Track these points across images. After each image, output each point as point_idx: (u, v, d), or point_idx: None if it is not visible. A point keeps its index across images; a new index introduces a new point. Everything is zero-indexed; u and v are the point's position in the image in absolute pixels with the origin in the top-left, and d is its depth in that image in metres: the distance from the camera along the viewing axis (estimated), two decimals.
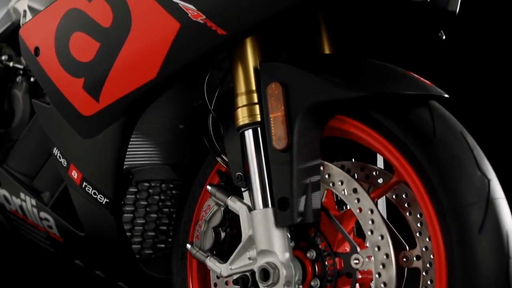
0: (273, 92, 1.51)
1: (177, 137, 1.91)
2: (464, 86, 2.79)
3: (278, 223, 1.52)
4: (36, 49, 1.78)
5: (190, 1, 1.50)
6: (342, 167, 1.65)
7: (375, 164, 1.67)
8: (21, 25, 1.99)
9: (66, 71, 1.71)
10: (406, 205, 1.61)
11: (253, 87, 1.56)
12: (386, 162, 1.59)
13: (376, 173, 1.64)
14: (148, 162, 1.88)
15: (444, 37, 1.66)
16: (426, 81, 1.50)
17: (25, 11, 1.97)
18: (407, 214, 1.61)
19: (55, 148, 1.80)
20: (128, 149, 1.71)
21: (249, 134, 1.56)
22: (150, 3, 1.55)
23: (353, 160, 1.69)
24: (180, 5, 1.51)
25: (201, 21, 1.49)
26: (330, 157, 1.70)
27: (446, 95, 1.50)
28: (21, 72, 2.10)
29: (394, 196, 1.62)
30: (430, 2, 1.49)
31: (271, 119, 1.51)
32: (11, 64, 2.13)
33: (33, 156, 1.99)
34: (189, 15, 1.50)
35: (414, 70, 1.58)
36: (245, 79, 1.56)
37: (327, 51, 1.68)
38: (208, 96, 1.67)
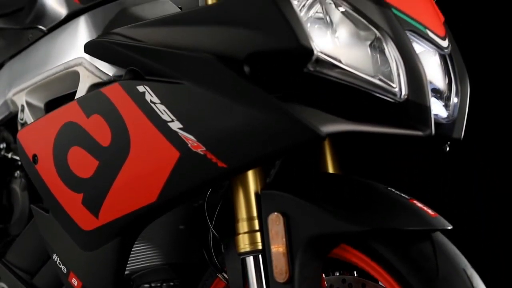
0: (274, 223, 1.50)
1: (178, 237, 1.90)
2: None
3: None
4: (34, 157, 1.76)
5: (190, 132, 1.48)
6: (343, 281, 1.64)
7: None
8: (19, 119, 1.97)
9: (65, 184, 1.69)
10: None
11: (254, 214, 1.54)
12: None
13: None
14: (148, 264, 1.87)
15: (448, 149, 1.64)
16: (430, 212, 1.49)
17: (23, 105, 1.95)
18: None
19: (54, 255, 1.78)
20: None
21: (250, 261, 1.54)
22: (149, 128, 1.53)
23: (355, 273, 1.68)
24: (179, 134, 1.49)
25: (201, 153, 1.48)
26: (332, 267, 1.69)
27: (450, 227, 1.48)
28: (19, 163, 2.09)
29: None
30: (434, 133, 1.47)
31: (272, 251, 1.50)
32: (9, 155, 2.11)
33: (34, 254, 1.97)
34: (189, 145, 1.48)
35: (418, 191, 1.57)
36: (246, 205, 1.54)
37: (330, 169, 1.66)
38: (209, 213, 1.65)
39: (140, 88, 1.54)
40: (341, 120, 1.41)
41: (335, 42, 1.44)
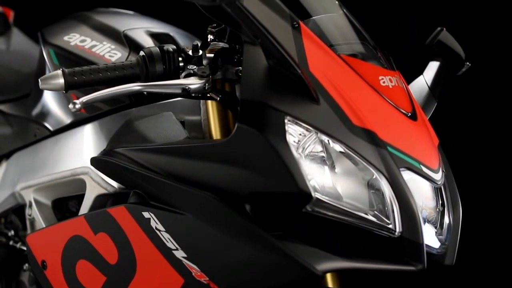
0: None
1: None
2: None
3: None
4: (43, 262, 1.83)
5: (194, 262, 1.55)
6: None
7: None
8: (27, 214, 2.04)
9: None
10: None
11: None
12: None
13: None
14: None
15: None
16: None
17: (30, 202, 2.01)
18: None
19: None
20: None
21: None
22: (154, 253, 1.60)
23: None
24: (184, 262, 1.56)
25: (205, 282, 1.55)
26: None
27: None
28: (26, 253, 2.15)
29: None
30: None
31: None
32: (18, 245, 2.16)
33: None
34: (193, 274, 1.55)
35: None
36: None
37: (330, 283, 1.73)
38: None
39: (146, 214, 1.60)
40: (337, 258, 1.48)
41: (333, 179, 1.50)
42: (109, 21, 2.03)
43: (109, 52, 1.92)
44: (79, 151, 1.89)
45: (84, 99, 1.56)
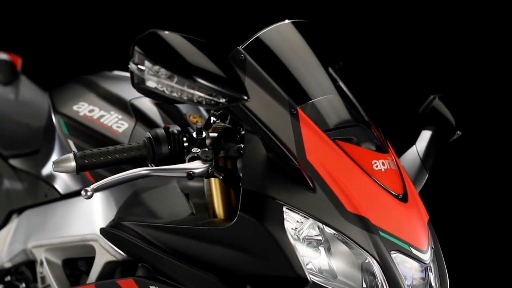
0: None
1: None
2: None
3: None
4: None
5: None
6: None
7: None
8: (38, 272, 2.14)
9: None
10: None
11: None
12: None
13: None
14: None
15: None
16: None
17: (41, 261, 2.11)
18: None
19: None
20: None
21: None
22: None
23: None
24: None
25: None
26: None
27: None
28: None
29: None
30: None
31: None
32: None
33: None
34: None
35: None
36: None
37: None
38: None
39: None
40: None
41: (328, 260, 1.60)
42: (115, 89, 2.13)
43: (116, 123, 2.02)
44: (89, 218, 1.99)
45: (95, 185, 1.66)
